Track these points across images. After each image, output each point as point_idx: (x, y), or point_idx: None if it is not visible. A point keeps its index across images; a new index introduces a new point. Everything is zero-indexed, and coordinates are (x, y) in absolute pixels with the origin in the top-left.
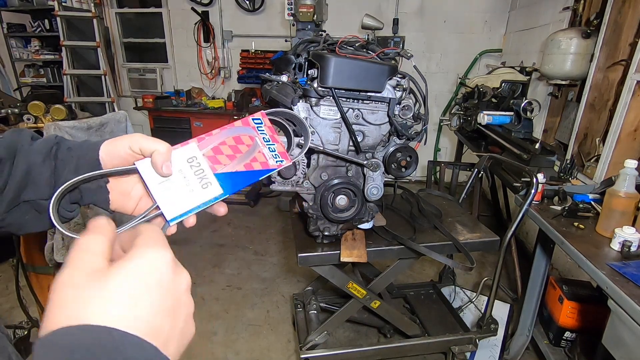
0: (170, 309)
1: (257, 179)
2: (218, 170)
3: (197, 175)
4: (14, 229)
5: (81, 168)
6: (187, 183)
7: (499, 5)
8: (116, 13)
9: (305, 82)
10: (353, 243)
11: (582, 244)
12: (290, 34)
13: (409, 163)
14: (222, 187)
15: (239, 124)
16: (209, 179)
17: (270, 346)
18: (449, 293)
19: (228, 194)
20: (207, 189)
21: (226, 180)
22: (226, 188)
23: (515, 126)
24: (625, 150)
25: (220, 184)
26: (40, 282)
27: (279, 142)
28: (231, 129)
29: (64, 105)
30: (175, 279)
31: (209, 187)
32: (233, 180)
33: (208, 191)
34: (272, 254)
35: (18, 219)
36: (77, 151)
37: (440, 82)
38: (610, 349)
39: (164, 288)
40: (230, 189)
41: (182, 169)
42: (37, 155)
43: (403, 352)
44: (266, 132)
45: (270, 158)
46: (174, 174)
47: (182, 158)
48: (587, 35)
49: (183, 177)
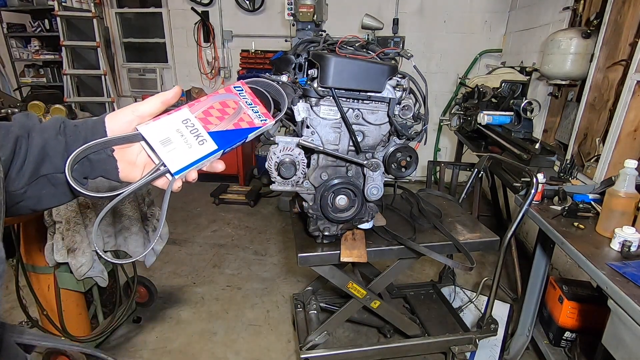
0: None
1: (246, 136)
2: (211, 129)
3: (193, 134)
4: (32, 203)
5: (91, 140)
6: (185, 140)
7: (499, 5)
8: (116, 13)
9: (305, 82)
10: (353, 243)
11: (582, 244)
12: (290, 34)
13: (409, 163)
14: (216, 143)
15: (222, 91)
16: (203, 136)
17: (270, 346)
18: (449, 293)
19: (222, 149)
20: (203, 145)
21: (219, 137)
22: (220, 144)
23: (515, 126)
24: (625, 150)
25: (214, 140)
26: (40, 282)
27: (260, 105)
28: (216, 95)
29: (64, 105)
30: None
31: (205, 143)
32: (225, 137)
33: (204, 147)
34: (272, 254)
35: (36, 192)
36: (83, 127)
37: (440, 82)
38: (610, 349)
39: None
40: (224, 144)
41: (179, 129)
42: (49, 131)
43: (403, 352)
44: (247, 97)
45: (255, 118)
46: (173, 133)
47: (177, 120)
48: (587, 35)
49: (181, 135)
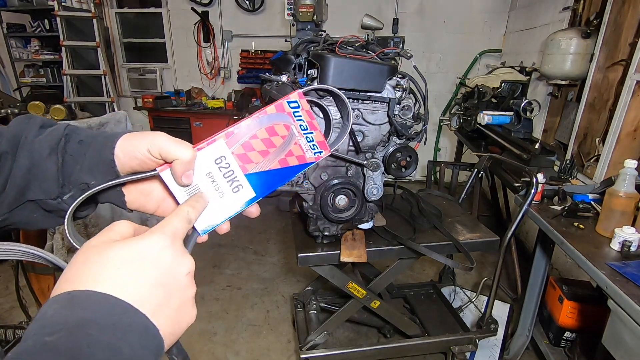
0: (163, 285)
1: (293, 176)
2: (249, 170)
3: (227, 178)
4: (22, 226)
5: (95, 167)
6: (216, 188)
7: (499, 5)
8: (116, 13)
9: (305, 82)
10: (353, 243)
11: (582, 244)
12: (290, 34)
13: (408, 163)
14: (254, 189)
15: (272, 110)
16: (239, 181)
17: (270, 346)
18: (449, 293)
19: (261, 196)
20: (238, 192)
21: (259, 180)
22: (259, 190)
23: (515, 126)
24: (625, 150)
25: (252, 185)
26: (40, 282)
27: (317, 129)
28: (263, 117)
29: (63, 105)
30: (175, 261)
31: (240, 190)
32: (266, 180)
33: (239, 195)
34: (272, 254)
35: (25, 217)
36: (89, 146)
37: (440, 82)
38: (610, 349)
39: (160, 266)
40: (264, 190)
41: (210, 172)
42: (42, 149)
43: (403, 352)
44: (303, 118)
45: (307, 150)
46: (202, 178)
47: (209, 159)
48: (587, 35)
49: (212, 181)
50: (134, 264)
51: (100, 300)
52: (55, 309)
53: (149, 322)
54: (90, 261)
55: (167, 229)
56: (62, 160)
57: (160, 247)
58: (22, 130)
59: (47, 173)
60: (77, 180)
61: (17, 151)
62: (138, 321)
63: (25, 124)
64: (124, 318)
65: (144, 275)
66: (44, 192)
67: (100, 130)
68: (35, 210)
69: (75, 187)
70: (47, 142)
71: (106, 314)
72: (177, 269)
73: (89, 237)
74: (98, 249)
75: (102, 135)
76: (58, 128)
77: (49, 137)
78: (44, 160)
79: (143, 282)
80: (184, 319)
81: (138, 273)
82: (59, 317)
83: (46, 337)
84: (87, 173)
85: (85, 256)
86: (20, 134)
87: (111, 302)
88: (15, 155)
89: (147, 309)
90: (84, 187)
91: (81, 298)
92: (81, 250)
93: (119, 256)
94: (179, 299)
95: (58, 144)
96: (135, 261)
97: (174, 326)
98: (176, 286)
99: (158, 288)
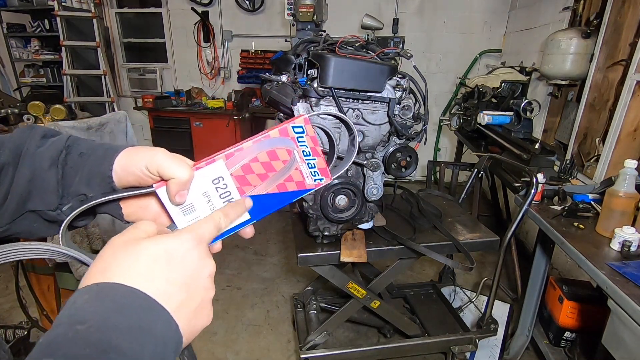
0: (187, 285)
1: (290, 202)
2: (247, 193)
3: (223, 199)
4: (23, 236)
5: (92, 180)
6: (212, 208)
7: (499, 5)
8: (116, 13)
9: (305, 82)
10: (353, 243)
11: (582, 244)
12: (290, 34)
13: (408, 163)
14: (249, 212)
15: (275, 134)
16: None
17: (270, 346)
18: (449, 293)
19: (255, 219)
20: None
21: (255, 204)
22: (254, 213)
23: (515, 126)
24: (625, 150)
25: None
26: (40, 282)
27: (320, 156)
28: (266, 141)
29: (63, 105)
30: (200, 263)
31: None
32: (263, 204)
33: None
34: (272, 254)
35: (26, 227)
36: (89, 158)
37: (440, 82)
38: (610, 349)
39: (186, 265)
40: (259, 213)
41: (207, 192)
42: (43, 160)
43: (403, 352)
44: (307, 144)
45: (307, 176)
46: (198, 197)
47: (207, 179)
48: (587, 35)
49: (207, 200)
50: (161, 262)
51: (128, 294)
52: (86, 299)
53: (172, 319)
54: (118, 256)
55: (197, 231)
56: (63, 172)
57: (187, 247)
58: (24, 141)
59: (47, 184)
60: (75, 192)
61: (19, 162)
62: (163, 317)
63: (27, 135)
64: (149, 313)
65: (170, 273)
66: (44, 203)
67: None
68: (35, 220)
69: (73, 198)
70: (49, 154)
71: (134, 308)
72: (202, 270)
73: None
74: (126, 245)
75: (103, 148)
76: (60, 139)
77: (50, 148)
78: (44, 172)
79: (169, 279)
80: (201, 319)
81: (165, 270)
82: (89, 307)
83: (77, 326)
84: (85, 185)
85: (113, 251)
86: (22, 145)
87: (139, 296)
88: (17, 166)
89: (170, 306)
90: (82, 198)
91: (110, 290)
92: (109, 245)
93: (148, 252)
94: (199, 299)
95: (59, 156)
96: (163, 258)
97: (192, 326)
98: (199, 287)
99: (182, 287)
